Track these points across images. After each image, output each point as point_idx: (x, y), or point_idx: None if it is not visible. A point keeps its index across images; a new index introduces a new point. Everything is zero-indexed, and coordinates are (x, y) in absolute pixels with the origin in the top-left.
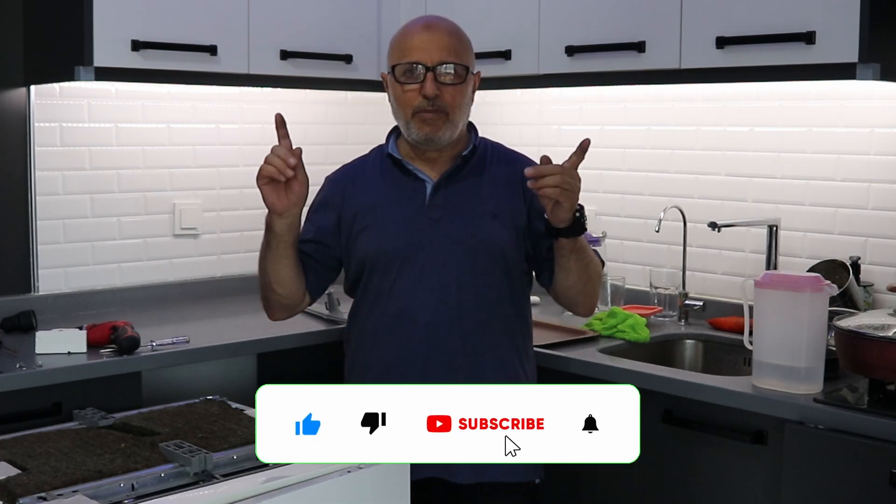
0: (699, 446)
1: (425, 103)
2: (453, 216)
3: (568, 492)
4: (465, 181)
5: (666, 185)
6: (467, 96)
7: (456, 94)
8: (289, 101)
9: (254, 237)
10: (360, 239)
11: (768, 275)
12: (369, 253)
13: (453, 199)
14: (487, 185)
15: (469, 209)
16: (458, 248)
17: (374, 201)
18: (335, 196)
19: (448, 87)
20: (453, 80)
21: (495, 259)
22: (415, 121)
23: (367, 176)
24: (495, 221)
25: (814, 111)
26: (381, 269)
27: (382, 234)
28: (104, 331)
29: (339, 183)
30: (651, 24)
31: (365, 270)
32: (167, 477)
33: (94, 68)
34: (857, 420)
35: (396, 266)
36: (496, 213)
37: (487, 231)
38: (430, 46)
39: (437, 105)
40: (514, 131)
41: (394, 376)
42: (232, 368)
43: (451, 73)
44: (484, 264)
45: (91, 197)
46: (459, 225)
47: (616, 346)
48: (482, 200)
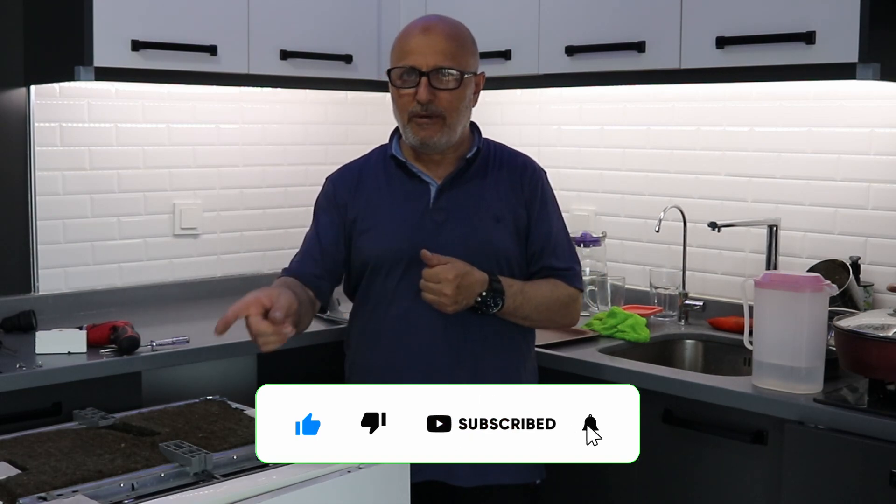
0: (699, 446)
1: (420, 108)
2: (457, 219)
3: (568, 492)
4: (469, 184)
5: (666, 185)
6: (465, 100)
7: (452, 98)
8: (289, 101)
9: (254, 237)
10: (363, 240)
11: (768, 275)
12: (372, 255)
13: (457, 203)
14: (491, 187)
15: (472, 212)
16: (460, 252)
17: (378, 203)
18: (340, 196)
19: (444, 92)
20: (449, 84)
21: (498, 262)
22: (411, 125)
23: (370, 177)
24: (498, 225)
25: (814, 111)
26: (385, 271)
27: (386, 236)
28: (104, 331)
29: (344, 183)
30: (651, 24)
31: (367, 272)
32: (167, 477)
33: (94, 68)
34: (857, 420)
35: (400, 269)
36: (499, 217)
37: (490, 235)
38: (427, 51)
39: (432, 110)
40: (514, 131)
41: (395, 379)
42: (232, 368)
43: (447, 77)
44: (487, 268)
45: (91, 197)
46: (463, 228)
47: (616, 346)
48: (485, 203)
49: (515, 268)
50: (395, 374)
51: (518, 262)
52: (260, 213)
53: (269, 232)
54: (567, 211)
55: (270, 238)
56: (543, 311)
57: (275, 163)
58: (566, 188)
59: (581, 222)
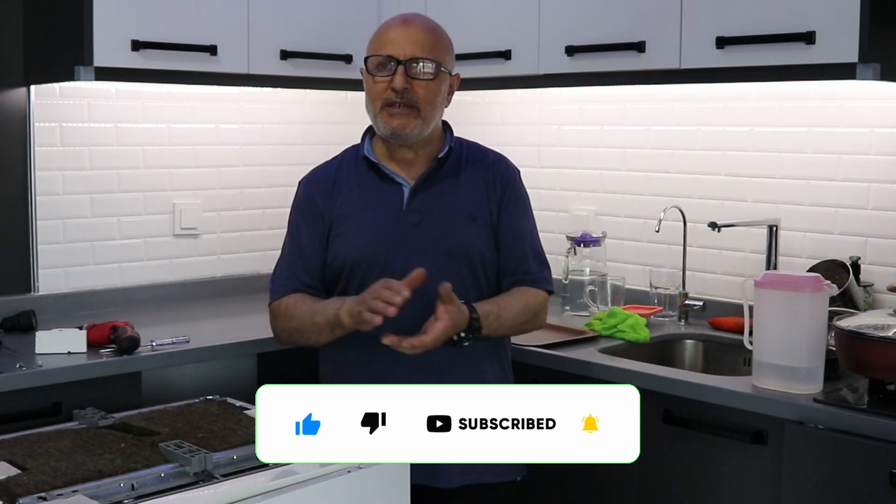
0: (699, 446)
1: (394, 96)
2: (431, 220)
3: (568, 492)
4: (442, 184)
5: (666, 185)
6: (440, 94)
7: (428, 89)
8: (289, 101)
9: (254, 237)
10: (339, 243)
11: (768, 275)
12: (348, 258)
13: (431, 203)
14: (464, 187)
15: (447, 213)
16: (437, 253)
17: (352, 205)
18: (318, 201)
19: (420, 83)
20: (425, 75)
21: (474, 262)
22: (383, 114)
23: (343, 179)
24: (473, 224)
25: (814, 111)
26: (360, 274)
27: (360, 239)
28: (104, 331)
29: (319, 186)
30: (651, 24)
31: (343, 275)
32: (167, 477)
33: (94, 68)
34: (857, 420)
35: (376, 271)
36: (474, 216)
37: (466, 235)
38: (405, 41)
39: (407, 99)
40: (514, 131)
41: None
42: (232, 368)
43: (424, 68)
44: (463, 268)
45: (91, 197)
46: (438, 229)
47: (616, 346)
48: (459, 203)
49: (489, 267)
50: (376, 377)
51: (491, 261)
52: (260, 213)
53: (269, 232)
54: (567, 211)
55: (270, 238)
56: (517, 327)
57: (275, 163)
58: (566, 188)
59: (581, 222)
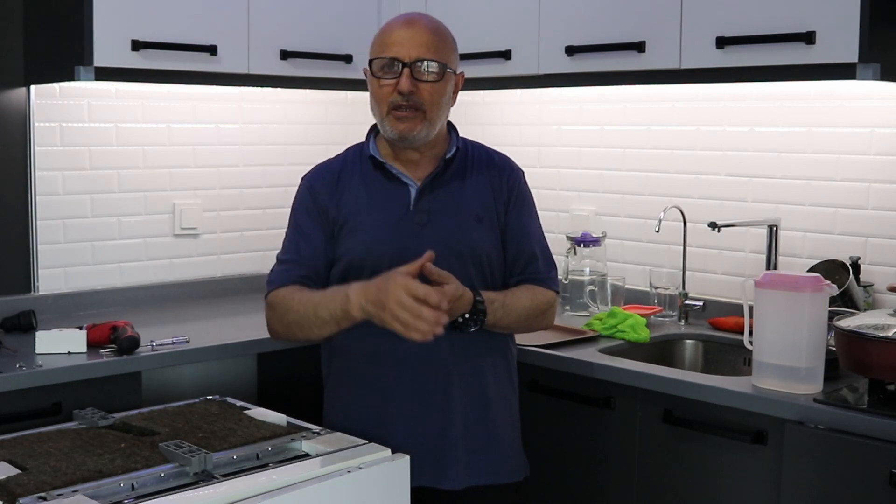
0: (699, 446)
1: (400, 99)
2: (438, 221)
3: (569, 492)
4: (449, 185)
5: (666, 185)
6: (446, 95)
7: (433, 91)
8: (289, 101)
9: (254, 237)
10: (345, 244)
11: (768, 275)
12: (355, 259)
13: (438, 204)
14: (470, 188)
15: (454, 213)
16: (445, 254)
17: (358, 205)
18: (321, 197)
19: (425, 84)
20: (431, 77)
21: (481, 263)
22: (389, 118)
23: (349, 178)
24: (480, 225)
25: (814, 111)
26: (367, 275)
27: (368, 239)
28: (104, 331)
29: (323, 182)
30: (651, 24)
31: (350, 276)
32: (167, 477)
33: (94, 68)
34: (857, 420)
35: (381, 272)
36: (480, 217)
37: (473, 236)
38: (409, 42)
39: (413, 101)
40: (514, 131)
41: (385, 383)
42: (232, 368)
43: (430, 70)
44: (470, 268)
45: (91, 197)
46: (445, 230)
47: (616, 346)
48: (466, 204)
49: (496, 268)
50: (386, 379)
51: (498, 262)
52: (260, 213)
53: (269, 232)
54: (567, 211)
55: (270, 238)
56: (522, 321)
57: (275, 163)
58: (566, 188)
59: (581, 222)
